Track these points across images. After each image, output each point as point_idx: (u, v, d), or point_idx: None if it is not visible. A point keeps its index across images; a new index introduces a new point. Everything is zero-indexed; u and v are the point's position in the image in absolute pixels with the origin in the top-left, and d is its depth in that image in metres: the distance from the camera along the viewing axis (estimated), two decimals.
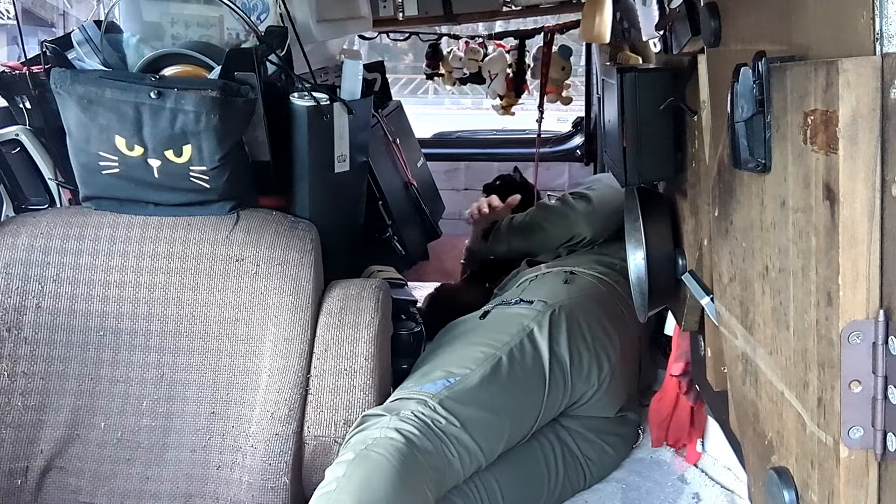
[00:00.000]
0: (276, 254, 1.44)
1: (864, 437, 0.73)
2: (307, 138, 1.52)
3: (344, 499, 1.16)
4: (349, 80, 1.63)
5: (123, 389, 1.43)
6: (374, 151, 1.85)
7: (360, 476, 1.19)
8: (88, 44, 1.52)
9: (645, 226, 1.45)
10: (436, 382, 1.41)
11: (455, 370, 1.45)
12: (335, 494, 1.17)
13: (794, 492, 0.86)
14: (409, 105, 2.46)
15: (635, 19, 1.77)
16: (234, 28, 1.61)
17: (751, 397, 1.03)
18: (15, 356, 1.42)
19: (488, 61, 2.92)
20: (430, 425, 1.32)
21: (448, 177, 3.07)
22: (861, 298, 0.71)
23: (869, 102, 0.68)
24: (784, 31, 0.88)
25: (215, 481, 1.40)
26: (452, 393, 1.39)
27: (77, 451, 1.41)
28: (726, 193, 1.07)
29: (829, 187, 0.72)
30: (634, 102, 1.37)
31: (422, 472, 1.26)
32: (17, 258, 1.45)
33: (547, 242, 2.13)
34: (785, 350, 0.87)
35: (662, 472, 1.68)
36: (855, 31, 0.71)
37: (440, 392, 1.39)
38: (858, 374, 0.72)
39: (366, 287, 1.48)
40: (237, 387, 1.42)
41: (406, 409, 1.34)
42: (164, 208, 1.48)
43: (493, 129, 3.64)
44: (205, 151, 1.41)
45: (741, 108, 0.90)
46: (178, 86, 1.39)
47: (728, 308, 1.13)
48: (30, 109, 1.60)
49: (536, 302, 1.66)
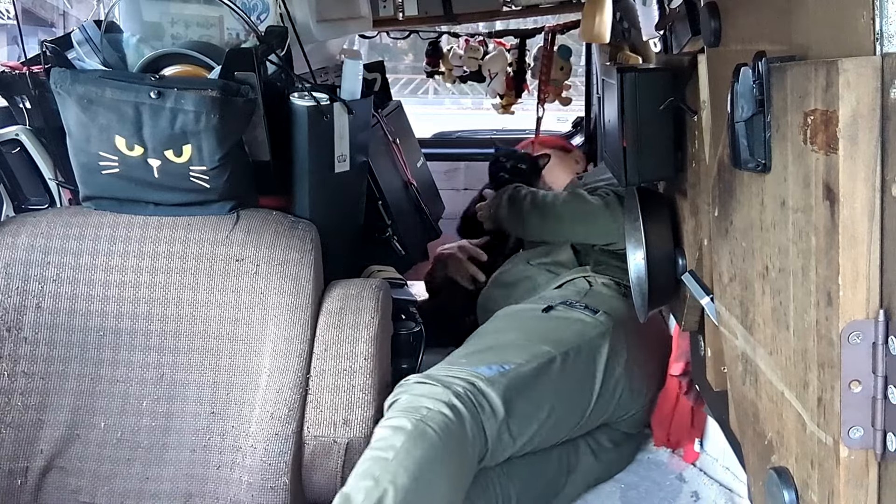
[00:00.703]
0: (276, 254, 1.44)
1: (864, 437, 0.73)
2: (307, 138, 1.52)
3: (402, 473, 1.18)
4: (349, 80, 1.63)
5: (123, 389, 1.43)
6: (374, 151, 1.85)
7: (419, 455, 1.20)
8: (88, 44, 1.52)
9: (645, 226, 1.45)
10: (490, 366, 1.41)
11: (511, 358, 1.44)
12: (392, 465, 1.19)
13: (793, 492, 0.86)
14: (410, 105, 2.46)
15: (635, 19, 1.77)
16: (234, 28, 1.61)
17: (751, 397, 1.03)
18: (15, 356, 1.42)
19: (488, 60, 2.92)
20: (478, 408, 1.33)
21: (448, 177, 3.06)
22: (861, 298, 0.71)
23: (869, 102, 0.68)
24: (784, 30, 0.88)
25: (215, 481, 1.40)
26: (506, 381, 1.39)
27: (77, 450, 1.41)
28: (726, 193, 1.07)
29: (829, 187, 0.72)
30: (634, 102, 1.37)
31: (467, 457, 1.29)
32: (17, 258, 1.45)
33: (570, 238, 1.95)
34: (785, 350, 0.87)
35: (661, 471, 1.69)
36: (855, 30, 0.71)
37: (494, 377, 1.38)
38: (858, 374, 0.72)
39: (366, 287, 1.48)
40: (237, 387, 1.42)
41: (458, 385, 1.34)
42: (164, 208, 1.48)
43: (494, 129, 3.63)
44: (205, 151, 1.41)
45: (741, 108, 0.90)
46: (178, 86, 1.39)
47: (728, 308, 1.13)
48: (30, 109, 1.60)
49: (601, 313, 1.66)
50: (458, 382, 1.34)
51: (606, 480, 1.63)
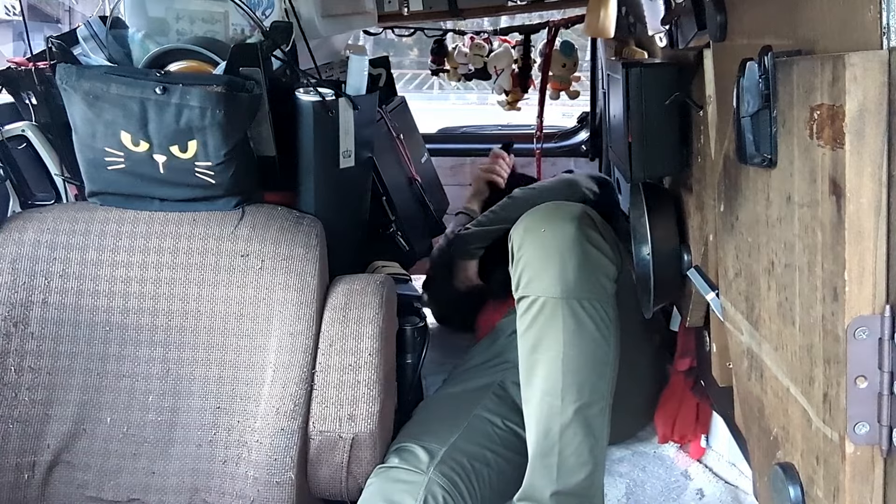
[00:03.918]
0: (281, 249, 1.45)
1: (869, 433, 0.73)
2: (312, 134, 1.52)
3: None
4: (354, 76, 1.63)
5: (129, 384, 1.44)
6: (378, 147, 1.85)
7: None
8: (94, 39, 1.52)
9: (650, 221, 1.45)
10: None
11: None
12: None
13: (799, 487, 0.86)
14: (415, 100, 2.46)
15: (641, 14, 1.76)
16: (239, 24, 1.61)
17: (756, 393, 1.03)
18: (22, 351, 1.43)
19: (493, 57, 2.92)
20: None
21: (453, 172, 3.06)
22: (867, 294, 0.71)
23: (876, 97, 0.68)
24: (790, 25, 0.88)
25: (221, 476, 1.40)
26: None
27: (83, 445, 1.42)
28: (732, 188, 1.07)
29: (836, 182, 0.72)
30: (640, 97, 1.37)
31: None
32: (23, 254, 1.45)
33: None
34: (790, 345, 0.87)
35: (666, 467, 1.69)
36: (862, 25, 0.71)
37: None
38: (864, 369, 0.72)
39: (370, 282, 1.48)
40: (242, 382, 1.43)
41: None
42: (169, 204, 1.48)
43: (499, 125, 3.63)
44: (210, 147, 1.41)
45: (747, 103, 0.90)
46: (184, 81, 1.39)
47: (733, 303, 1.12)
48: (36, 105, 1.60)
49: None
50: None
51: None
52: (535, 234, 1.43)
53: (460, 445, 1.45)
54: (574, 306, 1.38)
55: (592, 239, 1.42)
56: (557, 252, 1.39)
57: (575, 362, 1.37)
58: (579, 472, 1.37)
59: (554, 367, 1.37)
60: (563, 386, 1.37)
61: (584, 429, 1.37)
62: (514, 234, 1.47)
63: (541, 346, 1.39)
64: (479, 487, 1.42)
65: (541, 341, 1.39)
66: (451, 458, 1.41)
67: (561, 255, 1.39)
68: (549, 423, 1.37)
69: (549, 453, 1.37)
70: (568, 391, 1.37)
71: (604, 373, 1.40)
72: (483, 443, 1.49)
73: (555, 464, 1.37)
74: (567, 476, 1.36)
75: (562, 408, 1.36)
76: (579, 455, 1.37)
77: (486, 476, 1.45)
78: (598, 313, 1.40)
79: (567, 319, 1.37)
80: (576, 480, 1.37)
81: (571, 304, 1.38)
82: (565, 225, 1.41)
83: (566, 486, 1.37)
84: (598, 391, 1.39)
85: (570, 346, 1.37)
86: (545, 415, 1.38)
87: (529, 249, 1.42)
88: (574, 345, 1.37)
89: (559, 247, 1.39)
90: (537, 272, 1.40)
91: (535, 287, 1.40)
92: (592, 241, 1.42)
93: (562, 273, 1.38)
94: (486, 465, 1.46)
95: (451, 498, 1.35)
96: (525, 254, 1.42)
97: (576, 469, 1.37)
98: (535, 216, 1.47)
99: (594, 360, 1.39)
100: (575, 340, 1.37)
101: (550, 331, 1.38)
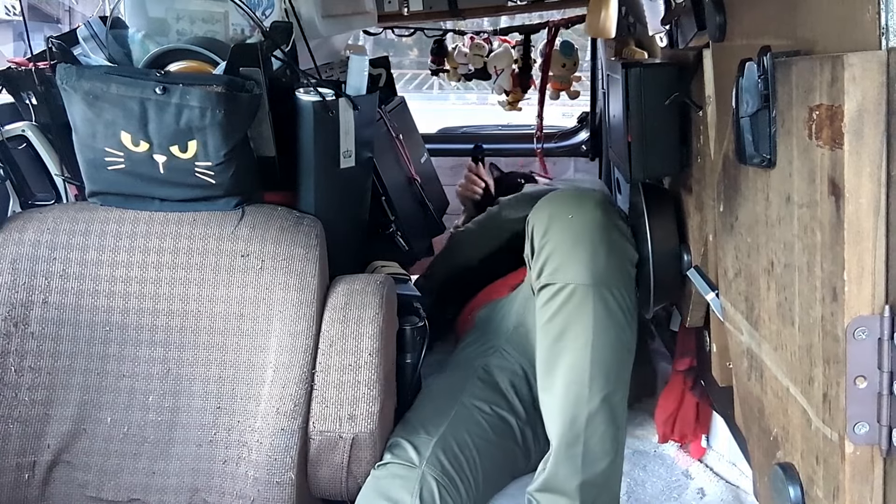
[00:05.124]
0: (281, 249, 1.45)
1: (869, 433, 0.73)
2: (312, 134, 1.52)
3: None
4: (354, 76, 1.63)
5: (129, 384, 1.44)
6: (378, 147, 1.85)
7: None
8: (94, 39, 1.52)
9: (650, 221, 1.45)
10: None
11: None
12: None
13: (799, 487, 0.86)
14: (415, 100, 2.46)
15: (641, 14, 1.76)
16: (239, 24, 1.61)
17: (756, 393, 1.03)
18: (22, 351, 1.43)
19: (493, 57, 2.91)
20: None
21: (454, 172, 3.06)
22: (866, 294, 0.71)
23: (874, 97, 0.68)
24: (789, 25, 0.88)
25: (221, 476, 1.40)
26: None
27: (84, 445, 1.42)
28: (731, 189, 1.07)
29: (835, 182, 0.72)
30: (639, 97, 1.37)
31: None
32: (23, 254, 1.45)
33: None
34: (790, 346, 0.87)
35: (667, 467, 1.69)
36: (861, 25, 0.71)
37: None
38: (864, 369, 0.72)
39: (370, 282, 1.48)
40: (243, 382, 1.43)
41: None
42: (169, 204, 1.48)
43: (499, 125, 3.63)
44: (210, 147, 1.41)
45: (746, 103, 0.90)
46: (184, 81, 1.39)
47: (733, 303, 1.12)
48: (36, 106, 1.60)
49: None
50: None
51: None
52: (562, 220, 1.40)
53: (450, 435, 1.45)
54: (604, 294, 1.36)
55: (619, 225, 1.41)
56: (587, 239, 1.37)
57: (603, 351, 1.35)
58: (603, 460, 1.36)
59: (582, 356, 1.35)
60: (591, 375, 1.35)
61: (610, 417, 1.35)
62: (535, 221, 1.44)
63: (568, 334, 1.37)
64: (472, 475, 1.42)
65: (568, 329, 1.37)
66: (442, 450, 1.41)
67: (592, 241, 1.36)
68: (575, 412, 1.35)
69: (574, 443, 1.35)
70: (595, 380, 1.35)
71: (626, 360, 1.39)
72: (472, 430, 1.49)
73: (580, 453, 1.35)
74: (591, 465, 1.35)
75: (589, 396, 1.34)
76: (604, 443, 1.35)
77: (478, 463, 1.44)
78: (625, 300, 1.38)
79: (598, 307, 1.35)
80: (600, 469, 1.36)
81: (601, 291, 1.36)
82: (594, 211, 1.39)
83: (590, 476, 1.35)
84: (622, 379, 1.38)
85: (599, 335, 1.35)
86: (571, 403, 1.36)
87: (557, 235, 1.39)
88: (602, 333, 1.35)
89: (589, 233, 1.37)
90: (566, 259, 1.37)
91: (564, 274, 1.37)
92: (619, 228, 1.41)
93: (592, 260, 1.36)
94: (477, 453, 1.45)
95: (445, 489, 1.35)
96: (551, 240, 1.40)
97: (600, 457, 1.36)
98: (558, 202, 1.44)
99: (620, 347, 1.37)
100: (604, 328, 1.36)
101: (580, 318, 1.36)
